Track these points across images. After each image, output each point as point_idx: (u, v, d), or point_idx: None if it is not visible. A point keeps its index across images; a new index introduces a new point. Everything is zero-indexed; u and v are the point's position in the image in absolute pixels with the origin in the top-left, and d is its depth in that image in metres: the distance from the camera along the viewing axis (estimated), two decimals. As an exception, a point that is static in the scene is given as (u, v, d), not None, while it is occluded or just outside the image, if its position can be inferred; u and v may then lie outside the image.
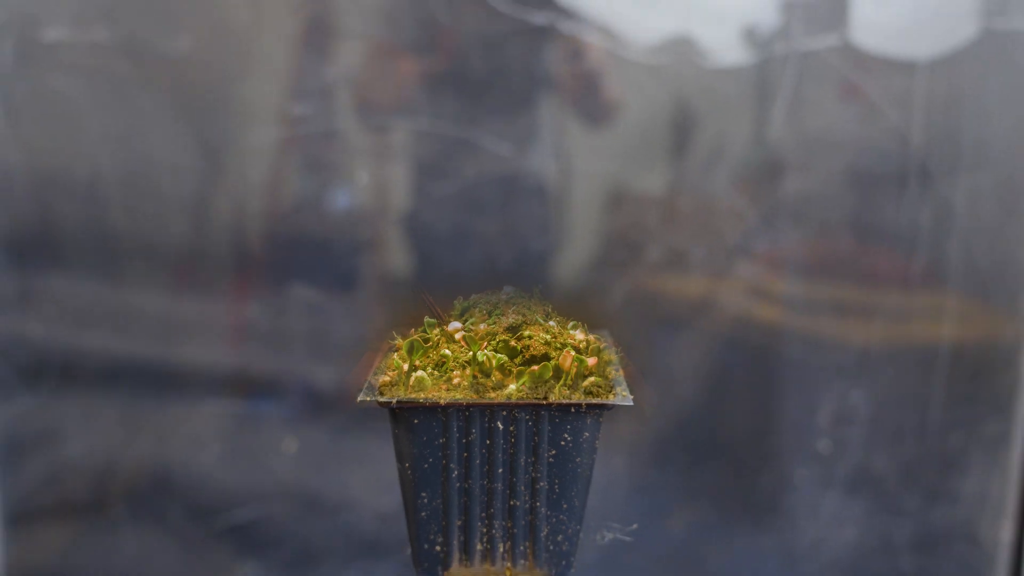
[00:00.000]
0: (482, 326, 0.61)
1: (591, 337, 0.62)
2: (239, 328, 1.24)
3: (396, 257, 1.23)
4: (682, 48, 1.17)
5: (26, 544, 1.27)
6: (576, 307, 0.71)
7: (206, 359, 1.25)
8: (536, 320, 0.61)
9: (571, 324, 0.64)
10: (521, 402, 0.52)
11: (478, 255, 1.22)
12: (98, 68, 1.17)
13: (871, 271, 1.22)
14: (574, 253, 1.23)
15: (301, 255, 1.23)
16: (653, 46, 1.16)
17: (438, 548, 0.54)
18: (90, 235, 1.21)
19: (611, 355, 0.61)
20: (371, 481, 1.25)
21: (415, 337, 0.61)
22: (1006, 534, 1.27)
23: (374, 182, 1.22)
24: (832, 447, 1.24)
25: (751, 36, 1.16)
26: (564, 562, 0.55)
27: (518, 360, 0.55)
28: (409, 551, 0.56)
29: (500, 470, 0.53)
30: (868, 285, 1.22)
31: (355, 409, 1.22)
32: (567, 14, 1.16)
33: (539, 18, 1.15)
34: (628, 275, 1.22)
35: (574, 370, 0.54)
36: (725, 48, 1.16)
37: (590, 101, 1.20)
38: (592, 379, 0.55)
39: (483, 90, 1.18)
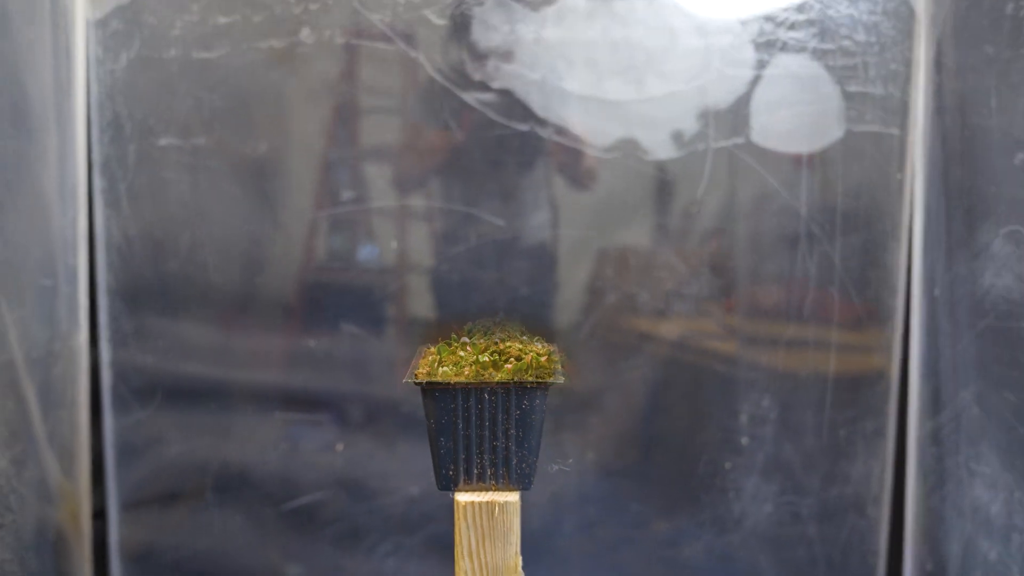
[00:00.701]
0: (481, 340, 1.01)
1: (546, 346, 1.00)
2: (300, 356, 1.64)
3: (421, 299, 1.64)
4: (629, 147, 1.59)
5: (135, 525, 1.64)
6: (544, 330, 1.10)
7: (275, 380, 1.64)
8: (514, 335, 1.01)
9: (535, 339, 1.03)
10: (498, 383, 0.90)
11: (481, 298, 1.63)
12: (197, 165, 1.58)
13: (774, 308, 1.63)
14: (549, 296, 1.64)
15: (348, 300, 1.63)
16: (608, 145, 1.59)
17: (451, 473, 0.91)
18: (189, 287, 1.60)
19: (556, 356, 0.99)
20: (402, 473, 1.64)
21: (442, 344, 1.00)
22: (885, 506, 1.67)
23: (402, 246, 1.63)
24: (751, 442, 1.64)
25: (678, 138, 1.59)
26: (526, 480, 0.92)
27: (503, 358, 0.94)
28: (433, 477, 0.93)
29: (487, 423, 0.90)
30: (772, 319, 1.63)
31: (390, 420, 1.61)
32: (544, 123, 1.58)
33: (523, 126, 1.58)
34: (592, 311, 1.63)
35: (535, 364, 0.93)
36: (660, 146, 1.59)
37: (562, 183, 1.62)
38: (540, 367, 0.93)
39: (482, 178, 1.60)
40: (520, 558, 0.87)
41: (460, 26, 1.55)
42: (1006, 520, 1.39)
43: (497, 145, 1.58)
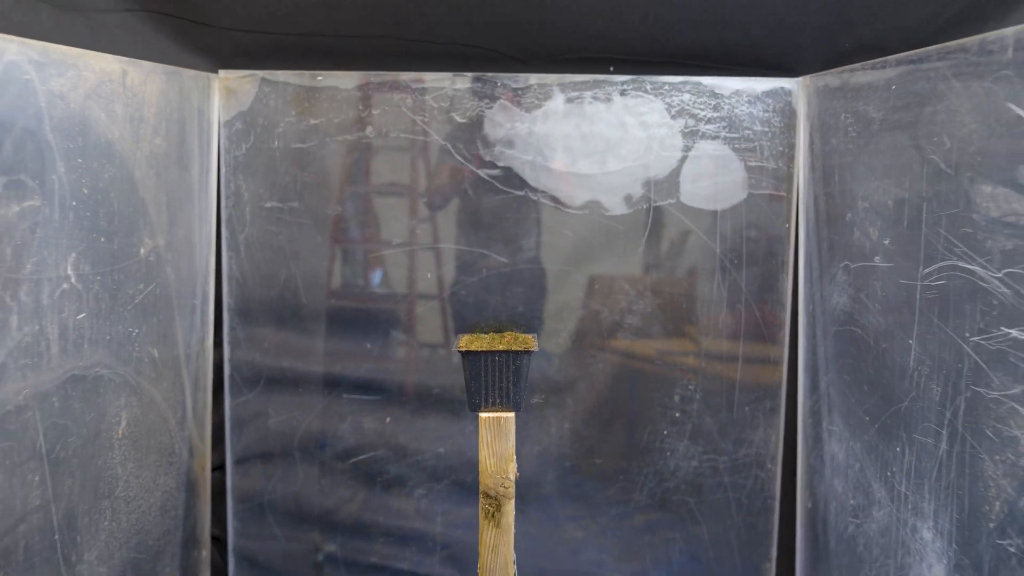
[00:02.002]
0: (489, 332, 1.75)
1: (526, 335, 1.74)
2: (361, 355, 2.38)
3: (448, 313, 2.38)
4: (595, 206, 2.34)
5: (244, 476, 2.38)
6: (526, 329, 1.82)
7: (342, 372, 2.38)
8: (508, 329, 1.75)
9: (519, 330, 1.76)
10: (502, 350, 1.63)
11: (489, 313, 2.37)
12: (292, 222, 2.33)
13: (699, 320, 2.37)
14: (538, 311, 2.38)
15: (396, 314, 2.38)
16: (580, 205, 2.34)
17: (477, 401, 1.64)
18: (284, 307, 2.35)
19: (533, 339, 1.72)
20: (433, 438, 2.37)
21: (473, 333, 1.74)
22: (779, 463, 2.39)
23: (435, 276, 2.37)
24: (682, 415, 2.37)
25: (629, 199, 2.34)
26: (518, 406, 1.64)
27: (504, 339, 1.68)
28: (467, 406, 1.66)
29: (496, 373, 1.64)
30: (698, 327, 2.37)
31: (425, 400, 2.35)
32: (535, 190, 2.33)
33: (520, 193, 2.33)
34: (568, 321, 2.37)
35: (521, 341, 1.66)
36: (616, 206, 2.34)
37: (548, 232, 2.36)
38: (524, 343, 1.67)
39: (490, 229, 2.35)
40: (514, 453, 1.60)
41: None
42: (846, 463, 2.11)
43: (501, 205, 2.33)
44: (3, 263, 1.31)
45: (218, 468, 2.38)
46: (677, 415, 2.37)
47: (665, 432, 2.37)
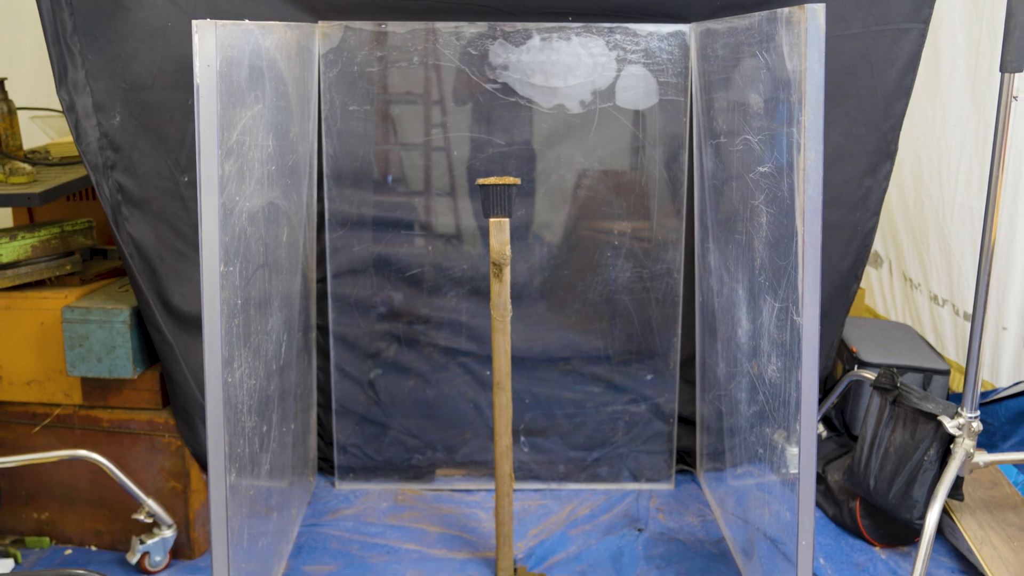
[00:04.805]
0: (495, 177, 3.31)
1: (514, 178, 3.30)
2: (410, 205, 3.97)
3: (468, 175, 3.95)
4: (560, 108, 3.89)
5: (338, 285, 3.99)
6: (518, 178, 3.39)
7: (400, 216, 3.97)
8: (504, 175, 3.31)
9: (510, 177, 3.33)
10: (501, 184, 3.18)
11: (494, 173, 3.94)
12: (366, 119, 3.88)
13: (628, 183, 3.94)
14: (525, 176, 3.95)
15: (435, 176, 3.95)
16: (550, 107, 3.89)
17: (488, 212, 3.20)
18: (361, 175, 3.91)
19: (518, 180, 3.27)
20: (458, 259, 3.98)
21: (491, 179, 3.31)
22: (681, 275, 4.00)
23: (459, 154, 3.94)
24: (619, 245, 3.96)
25: (583, 103, 3.89)
26: (510, 214, 3.22)
27: (501, 179, 3.24)
28: (483, 214, 3.22)
29: (498, 196, 3.20)
30: (627, 187, 3.94)
31: (453, 236, 3.98)
32: (523, 98, 3.88)
33: (512, 99, 3.87)
34: (544, 181, 3.94)
35: (511, 180, 3.22)
36: (574, 107, 3.89)
37: (531, 125, 3.92)
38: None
39: (493, 123, 3.91)
40: (508, 240, 3.19)
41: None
42: (714, 266, 3.72)
43: (500, 108, 3.89)
44: (253, 136, 2.89)
45: (321, 280, 4.01)
46: (616, 243, 3.98)
47: (608, 254, 3.98)
